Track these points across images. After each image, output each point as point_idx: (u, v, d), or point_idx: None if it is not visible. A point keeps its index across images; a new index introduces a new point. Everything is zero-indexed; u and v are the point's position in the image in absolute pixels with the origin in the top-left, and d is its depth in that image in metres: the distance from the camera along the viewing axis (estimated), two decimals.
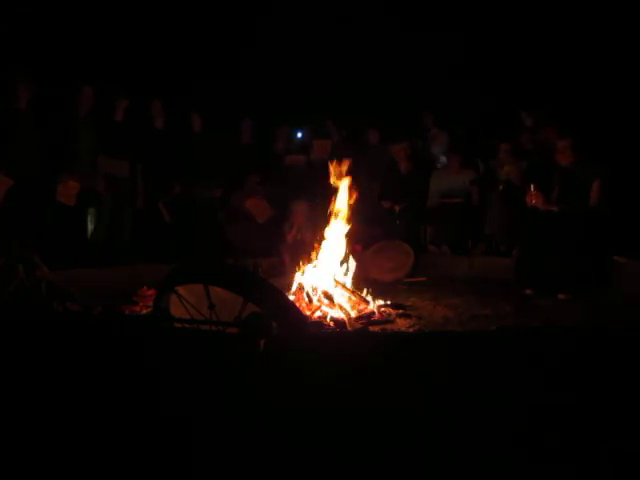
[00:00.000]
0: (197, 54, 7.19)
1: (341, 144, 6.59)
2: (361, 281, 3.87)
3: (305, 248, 3.84)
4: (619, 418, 1.81)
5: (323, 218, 3.89)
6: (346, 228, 3.82)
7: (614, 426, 1.78)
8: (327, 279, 3.57)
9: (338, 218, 3.81)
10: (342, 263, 3.77)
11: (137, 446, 1.77)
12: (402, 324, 3.28)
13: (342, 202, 3.84)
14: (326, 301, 3.35)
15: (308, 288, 3.41)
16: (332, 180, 3.87)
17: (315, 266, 3.67)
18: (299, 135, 7.28)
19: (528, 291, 4.19)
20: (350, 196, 3.86)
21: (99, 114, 5.52)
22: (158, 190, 5.74)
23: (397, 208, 6.08)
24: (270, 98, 7.34)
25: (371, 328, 3.15)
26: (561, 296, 4.00)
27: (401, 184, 6.15)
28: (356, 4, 7.26)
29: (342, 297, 3.49)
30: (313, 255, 3.73)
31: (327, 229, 3.81)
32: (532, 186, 4.32)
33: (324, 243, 3.77)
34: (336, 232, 3.79)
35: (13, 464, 1.70)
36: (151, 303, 3.10)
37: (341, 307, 3.33)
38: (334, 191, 3.86)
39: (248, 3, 7.39)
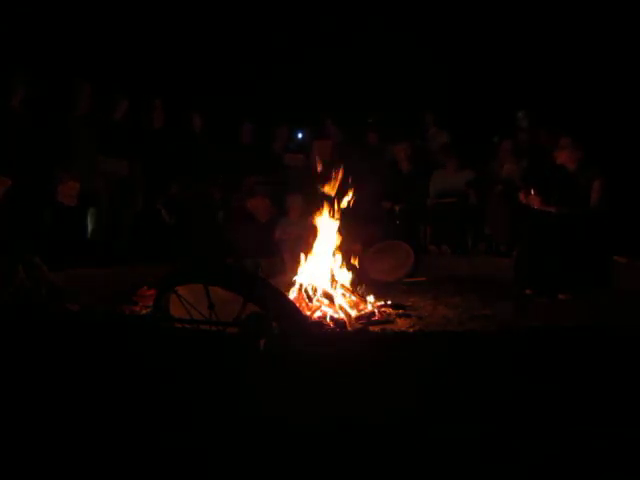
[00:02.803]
0: (197, 54, 7.20)
1: (342, 144, 6.59)
2: (361, 281, 3.86)
3: (302, 243, 3.83)
4: (619, 418, 1.81)
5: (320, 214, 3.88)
6: (344, 227, 3.81)
7: (614, 426, 1.78)
8: (327, 279, 3.57)
9: (335, 217, 3.80)
10: (342, 263, 3.77)
11: (137, 446, 1.77)
12: (402, 324, 3.28)
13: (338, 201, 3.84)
14: (326, 301, 3.35)
15: (308, 288, 3.41)
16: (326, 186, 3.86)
17: (315, 266, 3.66)
18: (299, 135, 7.28)
19: (528, 291, 4.19)
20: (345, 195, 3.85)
21: (97, 113, 5.51)
22: (157, 190, 5.73)
23: (397, 208, 6.08)
24: (270, 98, 7.34)
25: (371, 328, 3.15)
26: (561, 296, 4.00)
27: (401, 184, 6.15)
28: (355, 4, 7.27)
29: (342, 297, 3.49)
30: (312, 254, 3.73)
31: (324, 228, 3.80)
32: (532, 190, 4.32)
33: (323, 242, 3.76)
34: (334, 231, 3.79)
35: (13, 464, 1.70)
36: (151, 303, 3.09)
37: (341, 307, 3.33)
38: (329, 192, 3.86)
39: (248, 3, 7.39)
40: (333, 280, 3.58)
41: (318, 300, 3.35)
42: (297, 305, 3.04)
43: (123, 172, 5.52)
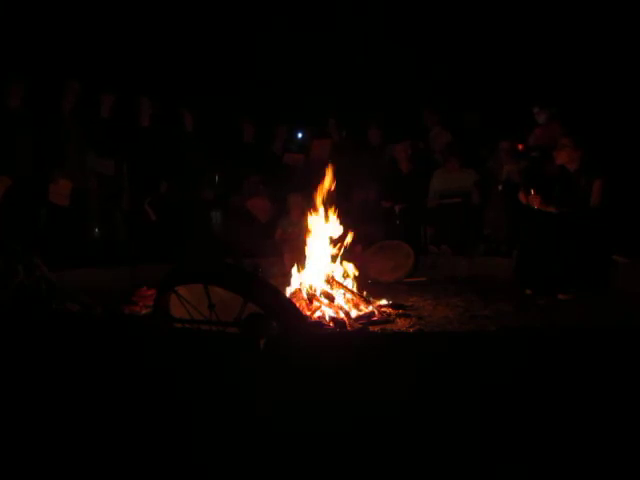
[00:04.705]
0: (197, 52, 7.20)
1: (341, 144, 6.60)
2: (361, 281, 3.86)
3: (302, 242, 3.83)
4: (619, 419, 1.81)
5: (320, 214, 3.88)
6: (343, 228, 3.81)
7: (614, 427, 1.78)
8: (327, 279, 3.57)
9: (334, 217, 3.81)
10: (342, 263, 3.77)
11: (137, 446, 1.77)
12: (402, 324, 3.28)
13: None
14: (326, 301, 3.35)
15: (308, 288, 3.41)
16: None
17: (315, 266, 3.66)
18: (299, 135, 7.29)
19: (528, 291, 4.19)
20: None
21: (85, 110, 5.49)
22: (144, 189, 5.71)
23: (397, 208, 6.08)
24: (270, 98, 7.35)
25: (371, 328, 3.15)
26: (561, 296, 4.00)
27: (401, 184, 6.15)
28: (355, 4, 7.27)
29: (342, 297, 3.49)
30: (312, 254, 3.73)
31: (324, 228, 3.80)
32: (532, 190, 4.32)
33: (322, 242, 3.76)
34: (334, 231, 3.79)
35: (13, 464, 1.70)
36: (151, 303, 3.10)
37: (341, 307, 3.33)
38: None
39: (249, 2, 7.39)
40: (333, 280, 3.58)
41: (318, 300, 3.35)
42: (297, 305, 3.04)
43: (109, 172, 5.50)
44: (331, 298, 3.38)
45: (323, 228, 3.78)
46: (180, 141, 5.95)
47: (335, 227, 3.77)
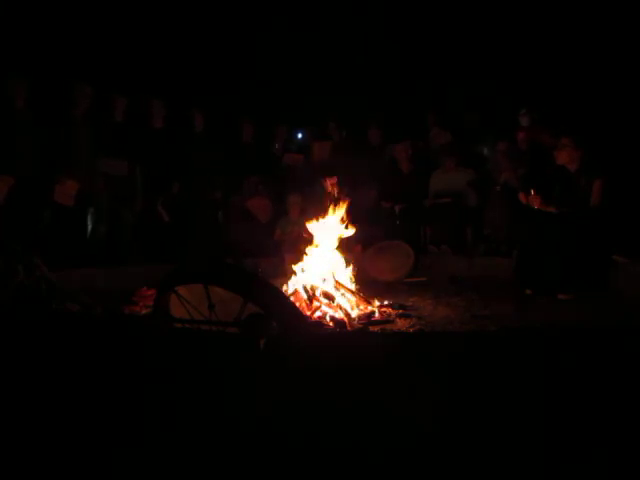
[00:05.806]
0: (198, 53, 7.20)
1: (341, 144, 6.60)
2: (361, 281, 3.86)
3: (302, 242, 3.83)
4: (619, 419, 1.81)
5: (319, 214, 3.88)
6: (344, 228, 3.81)
7: (614, 428, 1.78)
8: (327, 279, 3.57)
9: (334, 217, 3.81)
10: (341, 263, 3.77)
11: (137, 446, 1.77)
12: (402, 324, 3.28)
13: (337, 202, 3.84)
14: (326, 301, 3.35)
15: (308, 288, 3.41)
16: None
17: (314, 266, 3.66)
18: (299, 135, 7.29)
19: (528, 291, 4.19)
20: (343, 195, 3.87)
21: (97, 113, 5.51)
22: (157, 190, 5.73)
23: (397, 208, 6.08)
24: (270, 98, 7.35)
25: (371, 328, 3.15)
26: (561, 296, 4.00)
27: (401, 184, 6.15)
28: (356, 4, 7.27)
29: (342, 297, 3.49)
30: (312, 254, 3.73)
31: (324, 227, 3.80)
32: (532, 190, 4.32)
33: (322, 242, 3.76)
34: (334, 231, 3.79)
35: (13, 464, 1.70)
36: (151, 303, 3.10)
37: (341, 307, 3.33)
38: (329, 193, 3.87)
39: (249, 3, 7.39)
40: (333, 280, 3.58)
41: (318, 300, 3.35)
42: (297, 305, 3.04)
43: (123, 172, 5.53)
44: (331, 298, 3.38)
45: (322, 228, 3.78)
46: (191, 142, 5.98)
47: (336, 227, 3.77)
